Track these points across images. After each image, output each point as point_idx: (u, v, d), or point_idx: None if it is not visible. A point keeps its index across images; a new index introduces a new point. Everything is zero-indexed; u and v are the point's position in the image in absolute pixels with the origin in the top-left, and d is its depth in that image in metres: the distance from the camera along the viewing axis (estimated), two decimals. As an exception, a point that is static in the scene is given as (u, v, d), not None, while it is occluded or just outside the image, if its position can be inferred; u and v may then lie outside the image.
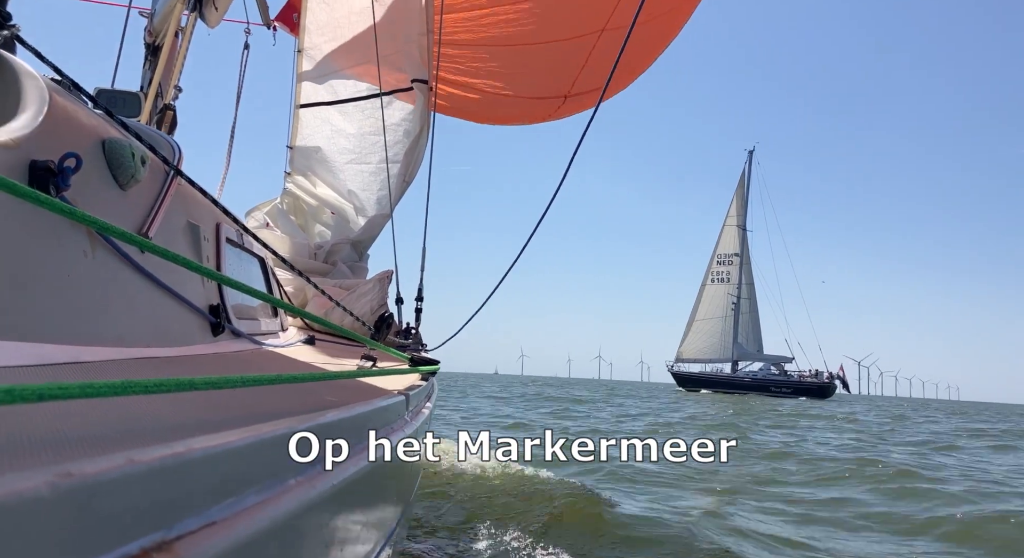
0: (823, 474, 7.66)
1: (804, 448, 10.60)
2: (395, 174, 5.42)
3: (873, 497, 6.35)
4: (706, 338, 71.90)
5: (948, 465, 9.32)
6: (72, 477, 0.53)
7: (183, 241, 2.24)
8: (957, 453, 11.46)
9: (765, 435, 13.02)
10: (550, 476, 5.84)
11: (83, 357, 1.38)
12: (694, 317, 73.24)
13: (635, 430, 12.70)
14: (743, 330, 71.48)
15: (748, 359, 69.75)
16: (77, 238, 1.53)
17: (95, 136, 1.73)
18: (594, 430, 12.41)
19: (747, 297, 72.55)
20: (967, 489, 6.82)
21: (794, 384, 62.37)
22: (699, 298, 73.58)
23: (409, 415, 1.96)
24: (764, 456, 9.12)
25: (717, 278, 73.17)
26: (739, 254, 72.45)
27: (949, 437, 15.14)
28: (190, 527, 0.66)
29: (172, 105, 4.08)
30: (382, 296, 4.93)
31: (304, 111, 5.90)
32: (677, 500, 5.68)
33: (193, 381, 0.91)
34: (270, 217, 5.59)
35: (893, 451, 10.86)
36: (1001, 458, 10.97)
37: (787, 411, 24.91)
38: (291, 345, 3.24)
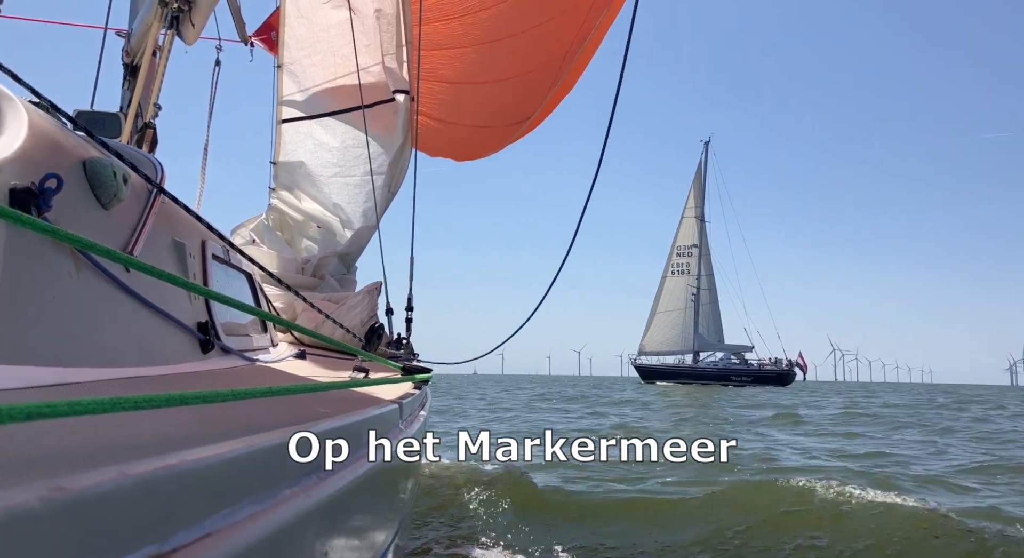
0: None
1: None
2: (380, 185, 5.42)
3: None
4: (668, 330, 72.50)
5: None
6: (64, 491, 0.52)
7: (169, 259, 2.23)
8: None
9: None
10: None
11: (71, 379, 1.37)
12: (655, 309, 73.86)
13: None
14: (704, 321, 72.02)
15: (709, 349, 70.36)
16: (61, 259, 1.52)
17: (76, 157, 1.72)
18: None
19: (707, 288, 73.20)
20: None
21: (754, 373, 63.02)
22: (660, 290, 74.22)
23: (404, 423, 1.96)
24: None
25: (677, 270, 73.80)
26: (698, 245, 73.08)
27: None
28: (185, 539, 0.66)
29: (152, 124, 4.06)
30: (372, 307, 4.92)
31: (286, 126, 5.89)
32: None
33: (184, 396, 0.90)
34: (256, 233, 5.57)
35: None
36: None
37: (743, 402, 25.54)
38: (282, 360, 3.23)
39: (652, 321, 73.41)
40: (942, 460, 8.53)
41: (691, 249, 73.26)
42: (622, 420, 14.52)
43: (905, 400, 29.13)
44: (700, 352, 70.21)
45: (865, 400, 27.38)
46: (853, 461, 8.20)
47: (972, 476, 7.18)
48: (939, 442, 10.83)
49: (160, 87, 4.15)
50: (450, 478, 5.86)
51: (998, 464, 8.05)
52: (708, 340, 71.05)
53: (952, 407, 23.29)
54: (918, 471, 7.43)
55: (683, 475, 6.27)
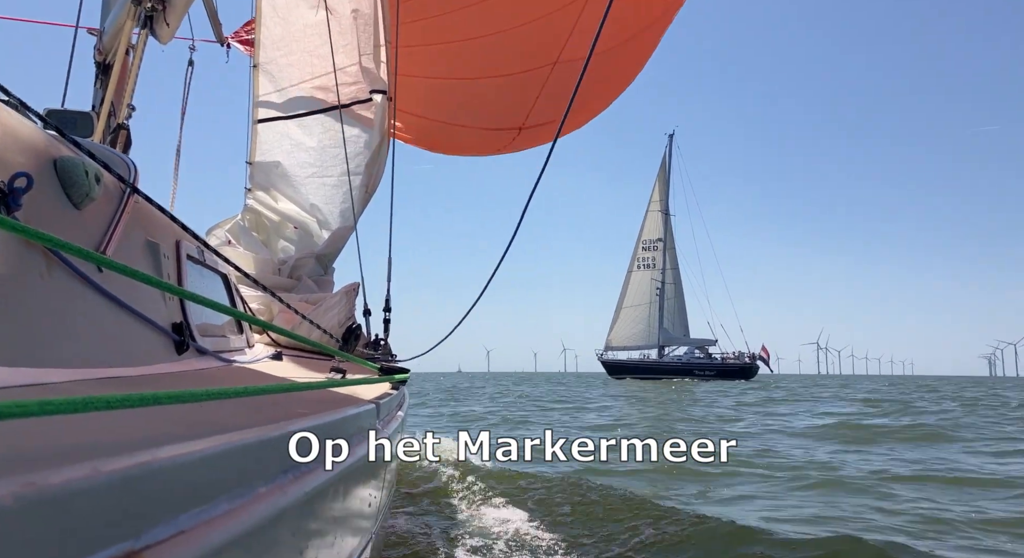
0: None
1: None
2: (357, 186, 5.40)
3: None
4: (633, 325, 72.56)
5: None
6: (36, 488, 0.52)
7: (142, 259, 2.21)
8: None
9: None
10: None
11: (44, 380, 1.35)
12: (621, 304, 73.88)
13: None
14: (669, 315, 72.27)
15: (674, 344, 70.54)
16: (32, 259, 1.50)
17: (47, 156, 1.70)
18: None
19: (672, 282, 73.40)
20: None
21: (717, 367, 63.61)
22: (625, 285, 74.31)
23: (381, 423, 1.96)
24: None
25: (643, 264, 73.93)
26: (663, 239, 73.29)
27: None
28: (159, 536, 0.66)
29: (126, 124, 4.01)
30: (349, 308, 4.90)
31: (262, 126, 5.85)
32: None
33: (157, 395, 0.90)
34: (232, 234, 5.52)
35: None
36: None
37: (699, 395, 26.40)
38: (259, 361, 3.21)
39: (618, 316, 73.48)
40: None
41: (656, 243, 73.44)
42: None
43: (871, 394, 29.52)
44: (665, 346, 70.39)
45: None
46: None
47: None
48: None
49: (134, 88, 4.10)
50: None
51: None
52: (673, 334, 71.26)
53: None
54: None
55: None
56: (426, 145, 7.87)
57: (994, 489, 6.24)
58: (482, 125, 7.44)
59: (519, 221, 3.62)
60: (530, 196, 3.47)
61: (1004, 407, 20.29)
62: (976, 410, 18.43)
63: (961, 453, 8.94)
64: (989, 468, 7.52)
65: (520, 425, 12.90)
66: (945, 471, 7.15)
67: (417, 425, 11.27)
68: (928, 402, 22.79)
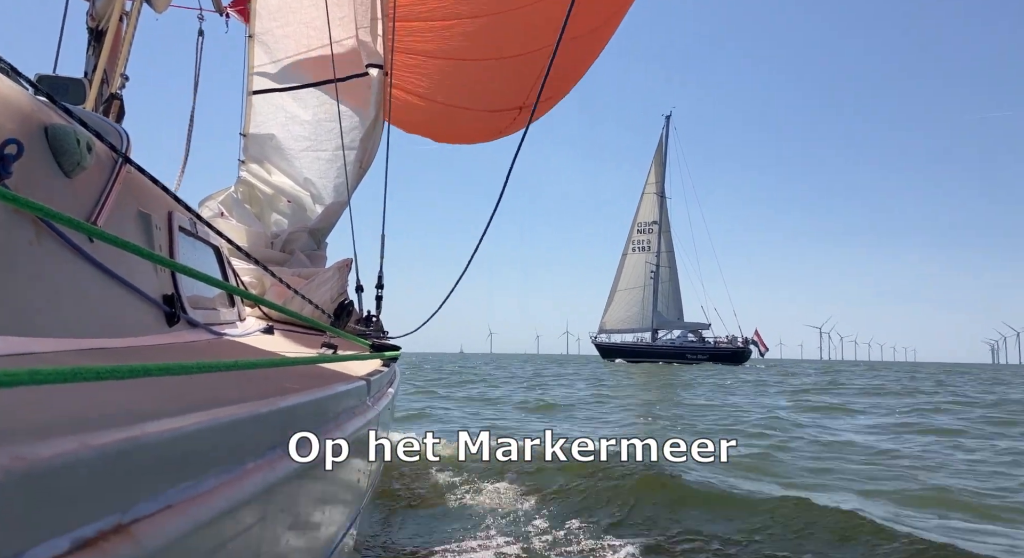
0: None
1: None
2: (351, 161, 5.36)
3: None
4: (628, 308, 72.31)
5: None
6: (24, 461, 0.52)
7: (134, 230, 2.19)
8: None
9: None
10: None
11: (32, 349, 1.35)
12: (616, 287, 73.54)
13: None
14: (663, 298, 71.92)
15: (667, 327, 70.33)
16: (21, 227, 1.49)
17: (37, 122, 1.68)
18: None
19: (667, 265, 72.97)
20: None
21: (709, 351, 63.48)
22: (620, 268, 73.89)
23: (371, 400, 1.96)
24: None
25: (638, 247, 73.45)
26: (658, 222, 72.74)
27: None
28: (146, 511, 0.66)
29: (119, 94, 3.96)
30: (342, 284, 4.88)
31: (257, 98, 5.79)
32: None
33: (147, 367, 0.89)
34: (224, 206, 5.49)
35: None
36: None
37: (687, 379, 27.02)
38: (250, 334, 3.20)
39: (612, 299, 73.29)
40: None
41: (651, 226, 73.00)
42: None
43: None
44: (659, 330, 70.27)
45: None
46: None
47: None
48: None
49: (127, 56, 4.04)
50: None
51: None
52: (667, 318, 71.08)
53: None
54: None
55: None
56: (427, 132, 7.80)
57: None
58: (483, 107, 7.37)
59: (499, 197, 3.63)
60: (508, 175, 3.48)
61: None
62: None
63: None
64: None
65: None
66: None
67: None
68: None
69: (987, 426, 10.90)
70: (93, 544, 0.57)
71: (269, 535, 0.99)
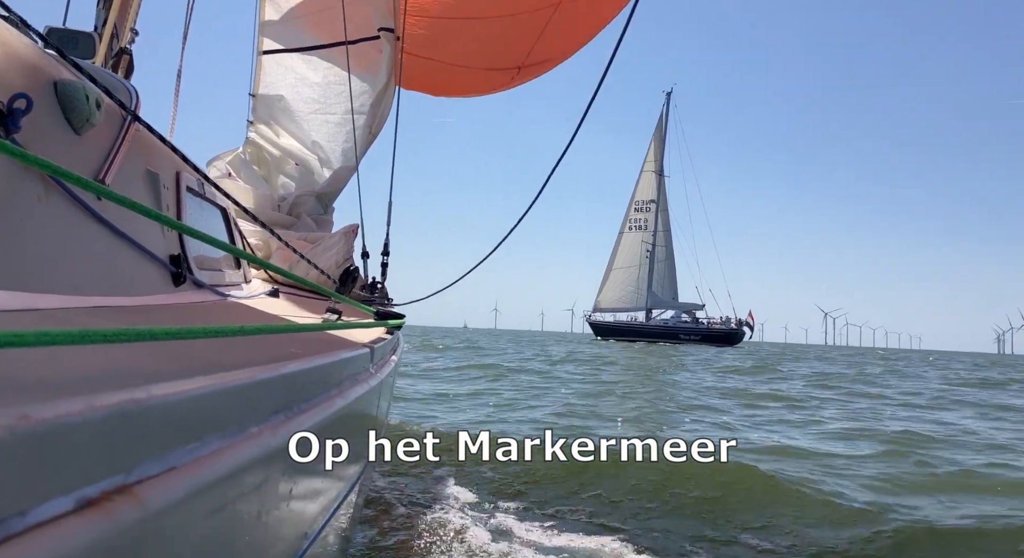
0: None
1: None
2: (361, 126, 5.32)
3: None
4: (623, 287, 71.75)
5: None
6: (30, 420, 0.52)
7: (141, 189, 2.19)
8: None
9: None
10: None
11: (40, 304, 1.35)
12: (612, 266, 72.87)
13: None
14: (659, 278, 71.32)
15: (661, 307, 69.97)
16: (29, 183, 1.48)
17: (47, 77, 1.67)
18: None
19: (663, 244, 72.21)
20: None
21: (702, 332, 63.25)
22: (616, 246, 73.15)
23: (374, 367, 1.97)
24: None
25: (635, 225, 72.57)
26: (655, 201, 71.77)
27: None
28: (151, 471, 0.67)
29: (128, 49, 3.92)
30: (348, 250, 4.88)
31: (267, 58, 5.73)
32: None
33: (153, 331, 0.90)
34: (232, 167, 5.47)
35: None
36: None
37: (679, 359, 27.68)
38: (255, 297, 3.21)
39: (608, 278, 72.81)
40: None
41: (649, 204, 72.12)
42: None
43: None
44: (653, 310, 69.93)
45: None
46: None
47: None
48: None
49: (138, 10, 4.00)
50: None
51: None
52: (662, 298, 70.67)
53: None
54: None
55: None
56: (424, 88, 7.73)
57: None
58: (483, 66, 7.32)
59: (543, 184, 3.62)
60: (560, 159, 3.44)
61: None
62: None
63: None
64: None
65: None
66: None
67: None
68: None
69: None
70: (97, 504, 0.58)
71: (272, 498, 1.00)
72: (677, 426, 7.91)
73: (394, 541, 3.31)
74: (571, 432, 6.84)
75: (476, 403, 9.44)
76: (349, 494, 1.72)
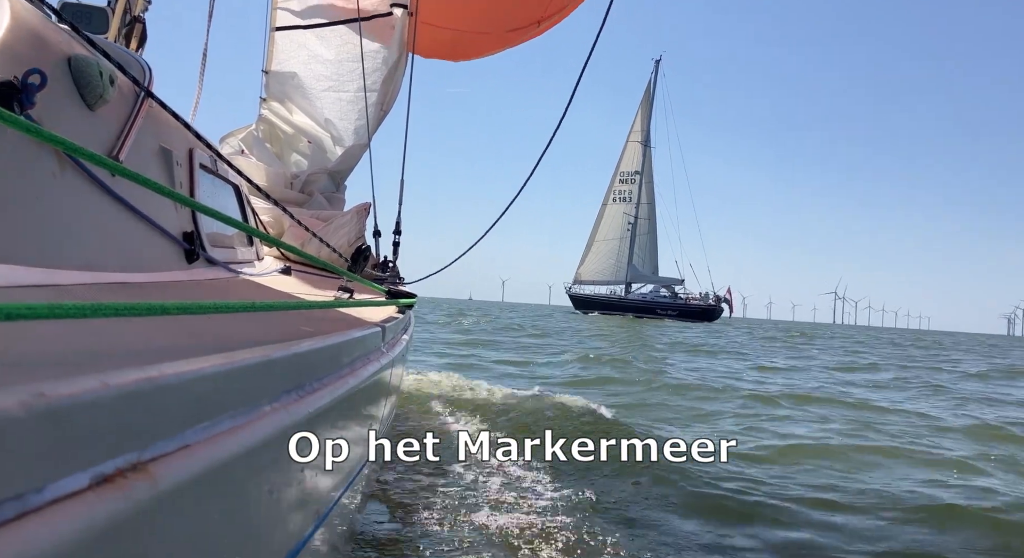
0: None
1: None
2: (373, 103, 5.30)
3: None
4: (604, 259, 70.54)
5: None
6: (46, 398, 0.52)
7: (155, 166, 2.19)
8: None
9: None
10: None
11: (54, 280, 1.36)
12: (594, 237, 71.47)
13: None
14: (640, 251, 70.05)
15: (641, 281, 68.96)
16: (44, 159, 1.48)
17: (61, 53, 1.66)
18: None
19: (646, 217, 70.78)
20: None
21: (680, 307, 62.47)
22: (599, 218, 71.64)
23: (386, 346, 1.98)
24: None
25: (618, 197, 70.98)
26: (640, 172, 70.14)
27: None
28: (165, 449, 0.67)
29: (141, 18, 3.89)
30: (360, 228, 4.89)
31: (280, 34, 5.69)
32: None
33: (165, 306, 0.90)
34: (245, 144, 5.46)
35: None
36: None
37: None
38: (267, 274, 3.22)
39: (589, 249, 71.45)
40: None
41: (634, 176, 70.47)
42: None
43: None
44: (632, 283, 68.82)
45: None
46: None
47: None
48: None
49: (151, -20, 3.97)
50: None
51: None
52: (642, 271, 69.52)
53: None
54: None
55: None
56: (444, 55, 7.66)
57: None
58: (504, 28, 7.24)
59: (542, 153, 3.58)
60: (556, 129, 3.41)
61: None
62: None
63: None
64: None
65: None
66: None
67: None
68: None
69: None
70: (112, 480, 0.58)
71: (283, 476, 1.01)
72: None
73: (404, 522, 3.34)
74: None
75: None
76: (361, 471, 1.73)
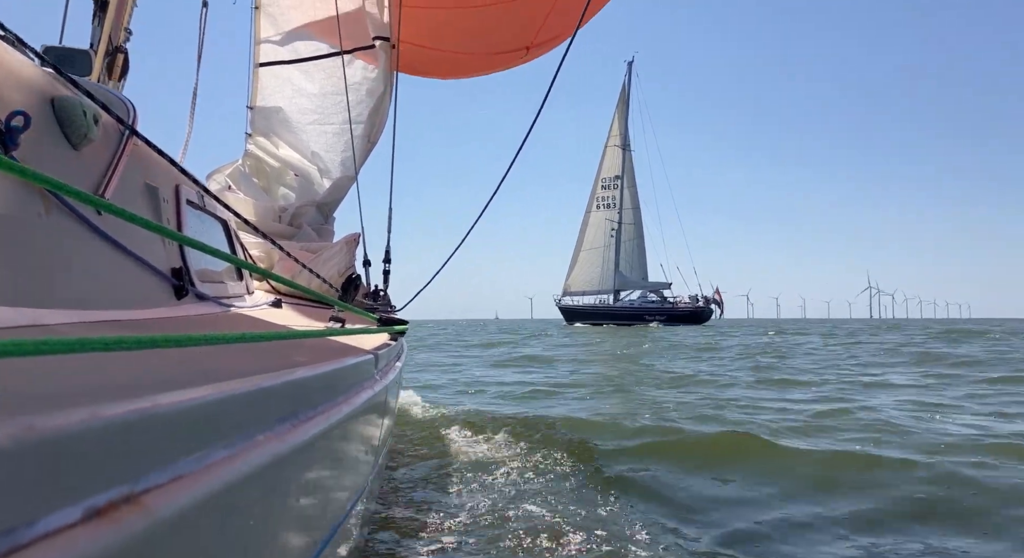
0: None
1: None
2: (359, 135, 5.34)
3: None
4: (591, 268, 69.38)
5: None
6: (35, 430, 0.52)
7: (141, 203, 2.19)
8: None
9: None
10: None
11: (43, 320, 1.35)
12: (580, 247, 70.25)
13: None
14: (627, 257, 68.84)
15: (630, 287, 67.74)
16: (29, 199, 1.48)
17: (44, 94, 1.67)
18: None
19: (631, 222, 69.47)
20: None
21: (667, 312, 61.43)
22: (584, 226, 70.39)
23: (379, 374, 1.97)
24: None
25: (602, 204, 69.76)
26: (620, 176, 68.91)
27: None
28: (158, 481, 0.66)
29: (123, 48, 3.92)
30: (349, 258, 4.89)
31: (264, 70, 5.75)
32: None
33: (155, 339, 0.89)
34: (232, 179, 5.48)
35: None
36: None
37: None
38: (258, 308, 3.21)
39: (576, 259, 70.24)
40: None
41: (615, 181, 69.18)
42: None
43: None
44: (621, 290, 67.56)
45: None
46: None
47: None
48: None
49: (132, 11, 4.01)
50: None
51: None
52: (630, 278, 68.32)
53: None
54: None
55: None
56: (432, 74, 7.71)
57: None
58: (490, 51, 7.31)
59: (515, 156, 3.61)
60: (527, 134, 3.44)
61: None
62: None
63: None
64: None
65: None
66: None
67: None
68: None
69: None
70: (104, 513, 0.58)
71: (278, 507, 1.00)
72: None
73: (405, 551, 3.31)
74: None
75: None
76: (357, 501, 1.72)
